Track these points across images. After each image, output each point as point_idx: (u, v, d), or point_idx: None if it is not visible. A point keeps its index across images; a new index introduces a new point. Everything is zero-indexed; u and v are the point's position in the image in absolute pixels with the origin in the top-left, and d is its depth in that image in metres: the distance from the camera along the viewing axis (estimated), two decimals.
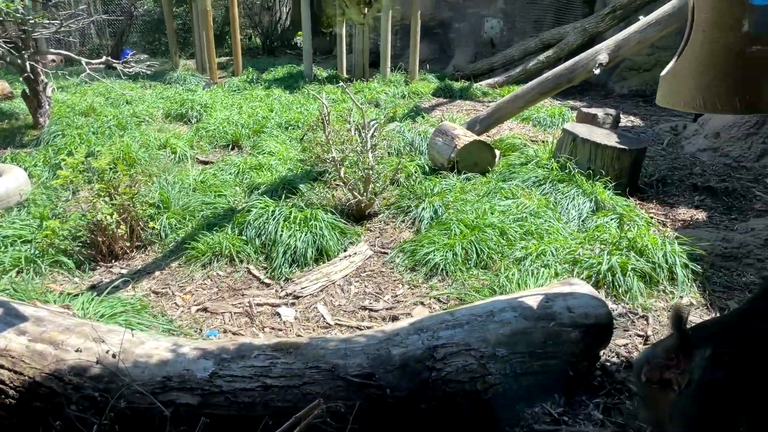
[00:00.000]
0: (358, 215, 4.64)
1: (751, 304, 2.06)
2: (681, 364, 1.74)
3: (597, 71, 5.48)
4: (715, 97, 2.34)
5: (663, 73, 2.52)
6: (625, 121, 8.19)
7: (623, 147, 4.86)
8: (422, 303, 3.44)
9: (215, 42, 11.86)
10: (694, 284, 3.50)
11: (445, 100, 9.57)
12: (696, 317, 3.22)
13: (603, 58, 5.45)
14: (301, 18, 11.25)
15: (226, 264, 3.92)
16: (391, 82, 10.57)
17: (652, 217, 4.50)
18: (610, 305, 3.30)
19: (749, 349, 1.73)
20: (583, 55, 5.76)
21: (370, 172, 4.56)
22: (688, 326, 1.80)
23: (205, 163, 6.22)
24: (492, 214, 4.27)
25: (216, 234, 4.14)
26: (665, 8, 5.20)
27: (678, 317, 1.75)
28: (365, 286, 3.67)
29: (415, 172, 5.41)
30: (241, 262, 3.92)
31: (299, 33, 15.74)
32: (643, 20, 5.36)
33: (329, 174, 5.07)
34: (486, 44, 13.20)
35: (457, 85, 10.38)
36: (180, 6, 15.83)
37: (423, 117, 7.80)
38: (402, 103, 9.07)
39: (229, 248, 3.95)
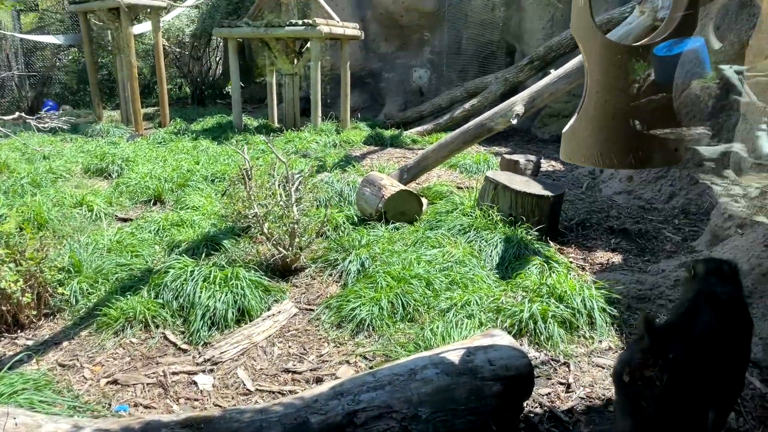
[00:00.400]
0: (283, 270, 4.55)
1: (690, 304, 2.30)
2: (658, 362, 1.99)
3: (514, 121, 5.70)
4: (612, 153, 2.45)
5: (564, 129, 2.63)
6: (547, 165, 8.53)
7: (542, 193, 5.03)
8: (348, 362, 3.36)
9: (143, 92, 11.65)
10: (611, 328, 3.60)
11: (376, 148, 9.70)
12: (613, 360, 3.29)
13: (519, 109, 5.69)
14: (230, 68, 11.23)
15: (141, 330, 3.71)
16: (323, 131, 10.64)
17: (571, 262, 4.64)
18: (533, 354, 3.33)
19: (698, 341, 2.10)
20: (501, 105, 6.00)
21: (296, 225, 4.50)
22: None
23: (125, 220, 5.97)
24: (418, 264, 4.28)
25: (130, 298, 3.93)
26: (573, 62, 5.51)
27: (649, 321, 2.03)
28: (289, 347, 3.56)
29: (344, 223, 5.39)
30: (157, 327, 3.72)
31: (230, 82, 15.70)
32: (554, 73, 5.66)
33: (254, 229, 4.96)
34: (415, 93, 13.58)
35: (387, 133, 10.56)
36: (106, 57, 15.51)
37: (353, 166, 7.85)
38: (333, 153, 9.12)
39: (144, 313, 3.75)
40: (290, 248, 4.49)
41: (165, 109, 11.85)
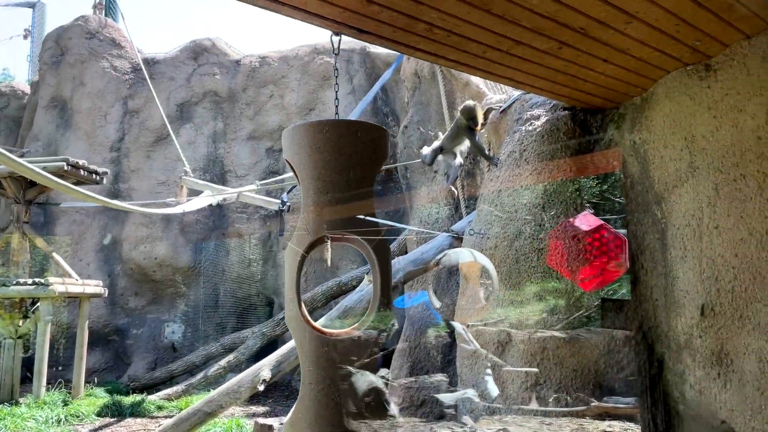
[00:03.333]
0: None
1: None
2: None
3: (261, 387, 5.50)
4: None
5: (284, 421, 2.52)
6: None
7: None
8: None
9: None
10: None
11: (112, 420, 8.44)
12: None
13: (266, 374, 5.55)
14: None
15: None
16: (46, 403, 9.00)
17: None
18: None
19: None
20: (248, 371, 5.81)
21: None
22: None
23: None
24: None
25: None
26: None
27: None
28: None
29: None
30: None
31: None
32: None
33: None
34: (167, 349, 12.70)
35: (128, 400, 9.36)
36: None
37: None
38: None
39: None
40: None
41: None
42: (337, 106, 2.76)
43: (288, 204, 11.05)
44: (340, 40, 2.82)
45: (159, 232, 12.81)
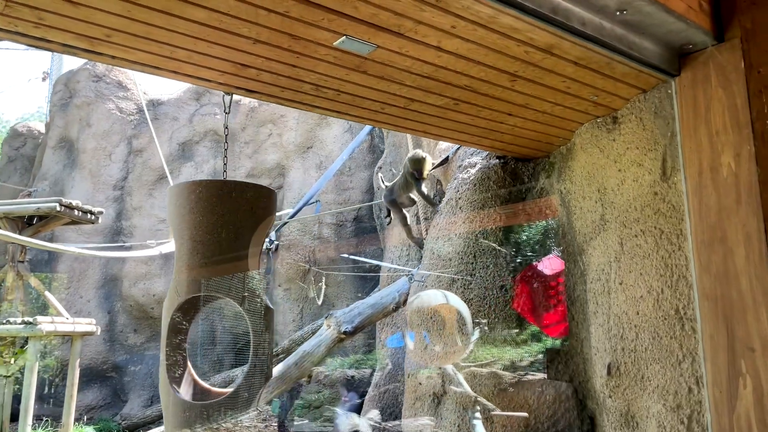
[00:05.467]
0: None
1: None
2: None
3: None
4: None
5: None
6: None
7: None
8: None
9: None
10: None
11: None
12: None
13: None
14: None
15: None
16: None
17: None
18: None
19: None
20: None
21: None
22: None
23: None
24: None
25: None
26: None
27: None
28: None
29: None
30: None
31: None
32: None
33: None
34: None
35: None
36: None
37: None
38: None
39: None
40: None
41: None
42: (225, 164, 2.80)
43: (276, 242, 11.14)
44: (231, 99, 2.87)
45: (157, 270, 12.98)
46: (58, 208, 9.41)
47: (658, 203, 2.81)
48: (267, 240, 10.60)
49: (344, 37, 2.28)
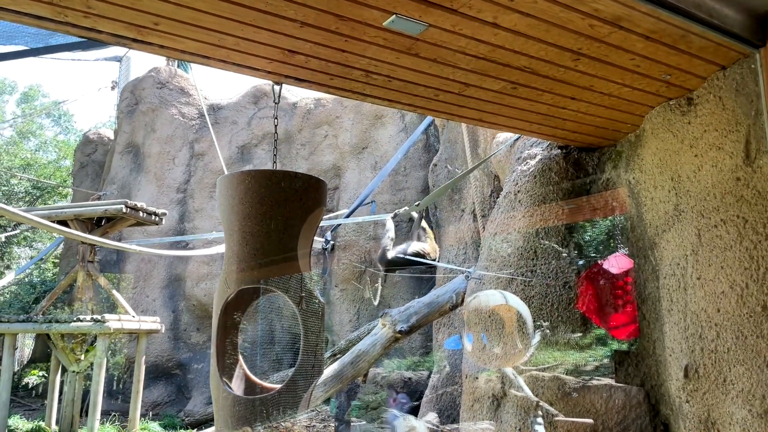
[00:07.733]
0: None
1: None
2: None
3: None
4: None
5: None
6: None
7: None
8: None
9: None
10: None
11: None
12: None
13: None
14: (2, 366, 10.07)
15: None
16: None
17: None
18: None
19: None
20: None
21: None
22: None
23: None
24: None
25: None
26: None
27: None
28: None
29: None
30: None
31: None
32: None
33: None
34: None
35: None
36: None
37: None
38: None
39: None
40: None
41: None
42: (275, 154, 2.74)
43: (332, 242, 11.16)
44: (281, 89, 2.81)
45: (218, 270, 13.26)
46: (124, 210, 9.75)
47: (741, 189, 2.55)
48: (323, 240, 10.64)
49: (394, 15, 2.17)
